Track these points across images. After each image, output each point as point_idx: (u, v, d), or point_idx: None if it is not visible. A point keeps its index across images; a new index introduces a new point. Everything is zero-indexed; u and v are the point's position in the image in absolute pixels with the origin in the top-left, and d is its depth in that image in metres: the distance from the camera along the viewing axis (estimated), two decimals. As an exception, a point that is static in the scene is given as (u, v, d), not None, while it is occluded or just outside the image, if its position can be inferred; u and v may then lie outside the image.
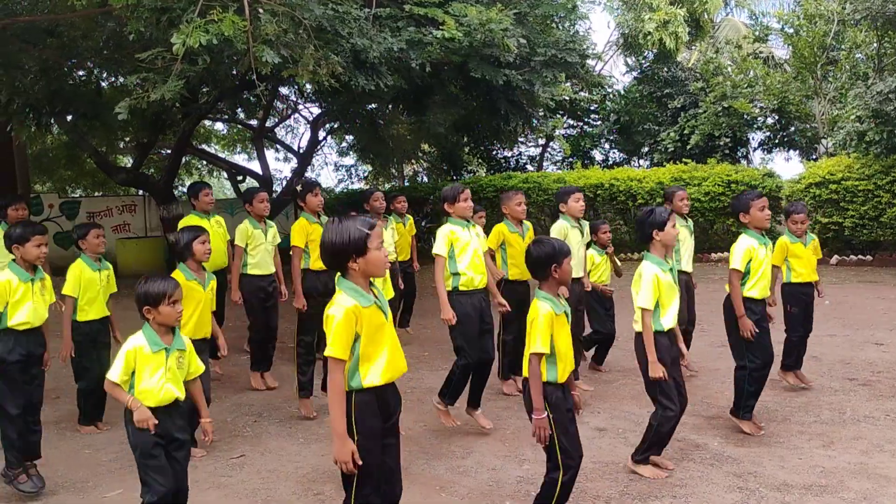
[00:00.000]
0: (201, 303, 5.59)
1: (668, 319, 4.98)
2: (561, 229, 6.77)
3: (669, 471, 5.07)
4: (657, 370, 4.83)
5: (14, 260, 5.15)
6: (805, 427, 5.92)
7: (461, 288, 5.87)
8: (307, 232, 6.83)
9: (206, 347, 5.71)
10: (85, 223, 6.61)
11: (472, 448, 5.69)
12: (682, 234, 7.35)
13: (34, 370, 5.14)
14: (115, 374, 3.89)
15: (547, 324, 4.14)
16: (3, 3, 9.19)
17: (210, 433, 4.23)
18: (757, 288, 5.78)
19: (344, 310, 3.27)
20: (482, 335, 5.94)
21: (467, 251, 5.88)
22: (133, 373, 3.90)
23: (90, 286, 6.09)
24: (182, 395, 4.06)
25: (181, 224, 7.34)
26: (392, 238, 8.79)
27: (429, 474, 5.21)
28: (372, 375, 3.34)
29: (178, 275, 5.52)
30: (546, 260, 4.25)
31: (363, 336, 3.31)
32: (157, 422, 3.84)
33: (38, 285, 5.17)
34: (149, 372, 3.90)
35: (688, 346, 7.62)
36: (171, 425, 3.98)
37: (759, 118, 19.91)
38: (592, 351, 7.73)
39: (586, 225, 7.09)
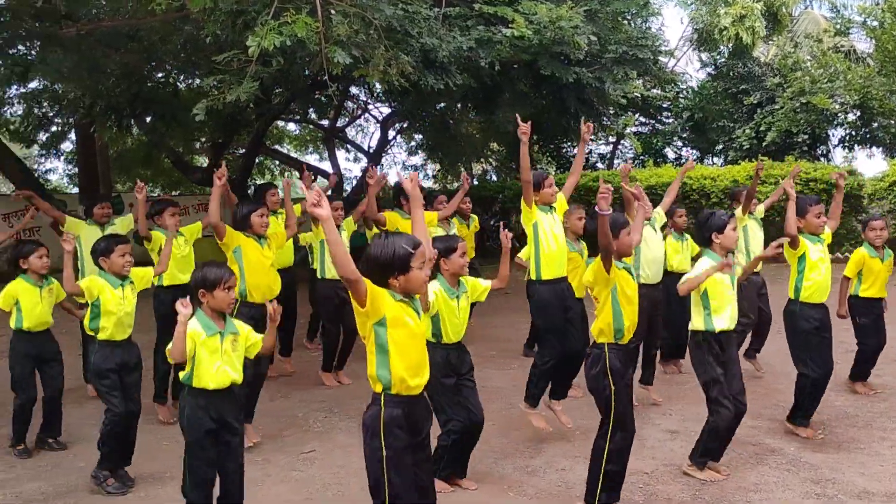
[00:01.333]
0: (265, 263, 5.89)
1: (722, 321, 4.91)
2: None
3: (725, 476, 4.99)
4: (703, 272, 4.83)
5: (104, 271, 5.36)
6: (887, 433, 5.72)
7: (543, 278, 5.78)
8: (395, 227, 7.09)
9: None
10: (161, 199, 6.92)
11: (540, 448, 5.66)
12: (752, 228, 7.16)
13: (129, 379, 5.32)
14: (177, 352, 4.03)
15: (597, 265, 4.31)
16: (86, 8, 9.52)
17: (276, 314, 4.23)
18: (812, 290, 5.63)
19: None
20: (567, 325, 5.85)
21: (550, 239, 5.78)
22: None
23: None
24: (239, 378, 4.21)
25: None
26: None
27: (497, 474, 5.20)
28: (400, 371, 3.35)
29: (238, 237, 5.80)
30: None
31: (389, 319, 3.30)
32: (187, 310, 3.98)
33: (129, 289, 5.38)
34: (206, 355, 4.04)
35: (761, 346, 7.47)
36: (226, 410, 4.12)
37: (839, 114, 19.26)
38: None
39: (658, 222, 6.97)
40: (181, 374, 4.16)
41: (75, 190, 20.42)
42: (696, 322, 4.94)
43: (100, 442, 5.18)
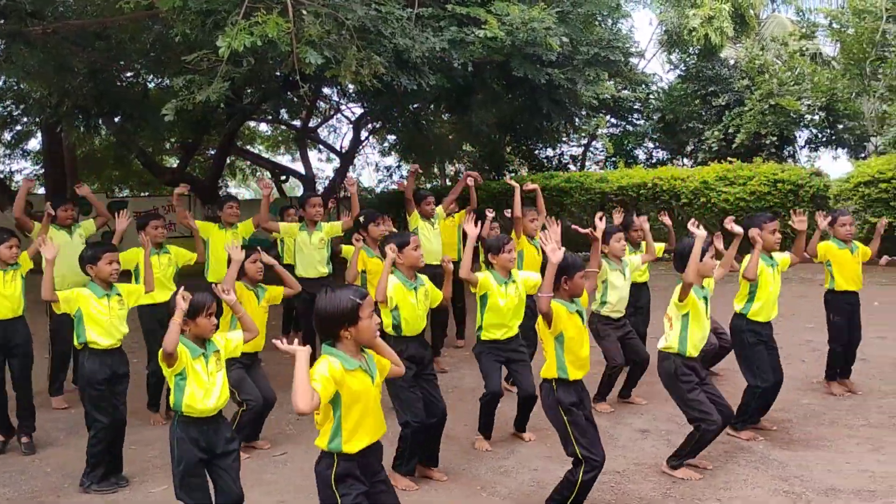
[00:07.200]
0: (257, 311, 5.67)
1: (694, 343, 5.01)
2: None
3: (706, 471, 5.06)
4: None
5: (92, 280, 5.27)
6: (853, 430, 5.81)
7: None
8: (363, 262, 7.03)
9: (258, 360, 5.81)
10: (146, 214, 6.82)
11: (513, 448, 5.68)
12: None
13: (118, 388, 5.24)
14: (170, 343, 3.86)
15: (554, 310, 4.28)
16: (52, 6, 9.39)
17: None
18: (762, 312, 5.77)
19: (328, 364, 3.30)
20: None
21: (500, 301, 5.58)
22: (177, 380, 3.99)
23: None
24: (223, 402, 4.09)
25: (201, 229, 7.51)
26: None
27: (470, 474, 5.21)
28: (353, 443, 3.35)
29: (239, 286, 5.52)
30: (558, 272, 4.29)
31: (343, 398, 3.32)
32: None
33: (115, 300, 5.28)
34: (194, 379, 3.94)
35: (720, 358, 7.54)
36: (216, 439, 4.00)
37: (806, 116, 19.52)
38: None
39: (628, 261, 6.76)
40: (171, 400, 3.99)
41: (42, 191, 20.15)
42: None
43: (88, 455, 5.09)
